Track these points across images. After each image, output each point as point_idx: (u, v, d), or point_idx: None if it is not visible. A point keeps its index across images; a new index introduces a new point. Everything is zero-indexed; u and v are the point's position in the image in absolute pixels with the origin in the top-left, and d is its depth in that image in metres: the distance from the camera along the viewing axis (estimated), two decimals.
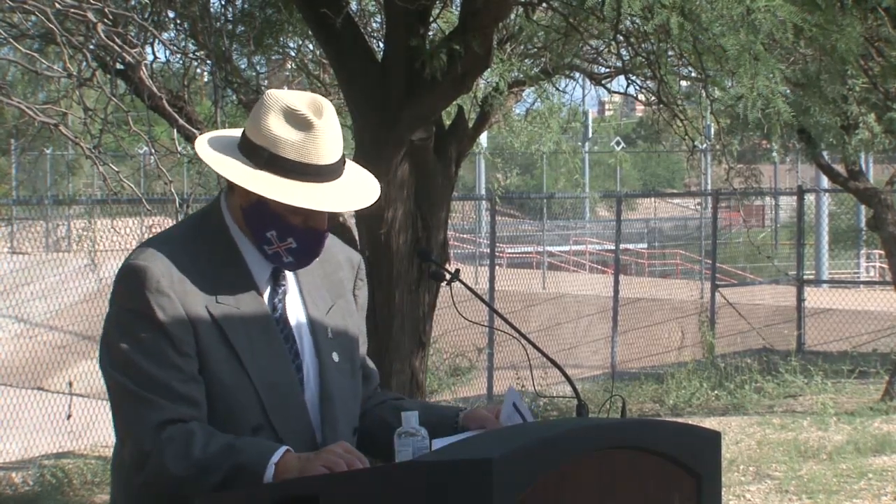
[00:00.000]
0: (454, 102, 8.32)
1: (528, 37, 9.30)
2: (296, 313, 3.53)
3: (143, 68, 6.14)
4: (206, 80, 11.74)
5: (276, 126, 3.41)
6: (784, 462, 11.77)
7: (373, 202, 3.54)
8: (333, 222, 3.63)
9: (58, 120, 6.18)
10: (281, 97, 3.44)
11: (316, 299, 3.57)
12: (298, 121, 3.41)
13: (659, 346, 21.02)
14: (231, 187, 3.49)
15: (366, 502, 3.08)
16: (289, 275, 3.55)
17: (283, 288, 3.52)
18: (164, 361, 3.31)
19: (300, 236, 3.45)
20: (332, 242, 3.66)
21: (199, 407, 3.33)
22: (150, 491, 3.36)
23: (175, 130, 7.06)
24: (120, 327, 3.38)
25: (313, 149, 3.41)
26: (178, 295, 3.35)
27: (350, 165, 3.55)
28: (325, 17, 7.15)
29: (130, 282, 3.37)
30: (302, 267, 3.52)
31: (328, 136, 3.43)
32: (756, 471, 11.51)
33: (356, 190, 3.50)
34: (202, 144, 3.49)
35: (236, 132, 3.53)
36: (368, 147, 7.43)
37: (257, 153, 3.42)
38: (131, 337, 3.34)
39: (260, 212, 3.44)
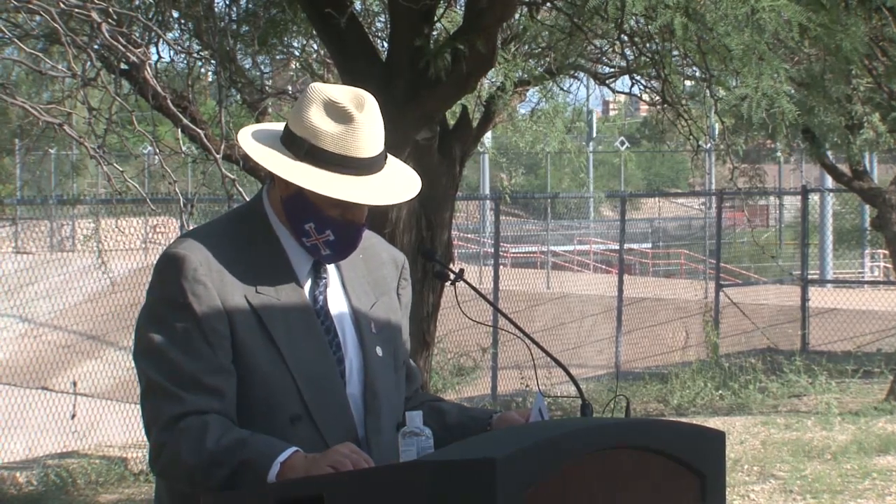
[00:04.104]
0: (458, 102, 8.33)
1: (532, 36, 9.30)
2: (338, 306, 3.53)
3: (148, 68, 6.13)
4: (210, 79, 11.76)
5: (317, 118, 3.43)
6: (788, 462, 11.77)
7: (410, 198, 3.55)
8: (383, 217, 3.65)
9: (62, 120, 6.18)
10: (323, 90, 3.47)
11: (359, 294, 3.57)
12: (339, 113, 3.42)
13: (663, 345, 21.01)
14: (273, 179, 3.51)
15: (370, 502, 3.08)
16: (331, 268, 3.56)
17: (324, 281, 3.52)
18: (192, 351, 3.33)
19: (338, 229, 3.46)
20: (375, 241, 3.69)
21: (224, 398, 3.34)
22: (166, 480, 3.39)
23: (179, 130, 7.06)
24: (153, 316, 3.39)
25: (353, 141, 3.42)
26: (216, 284, 3.36)
27: (392, 160, 3.55)
28: (329, 17, 7.15)
29: (167, 270, 3.38)
30: (340, 259, 3.54)
31: (368, 130, 3.44)
32: (760, 471, 11.51)
33: (395, 184, 3.50)
34: (245, 135, 3.52)
35: (279, 125, 3.55)
36: None
37: (298, 144, 3.44)
38: (162, 325, 3.35)
39: (299, 203, 3.45)
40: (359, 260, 3.59)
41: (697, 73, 9.16)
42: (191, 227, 4.36)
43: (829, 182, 22.67)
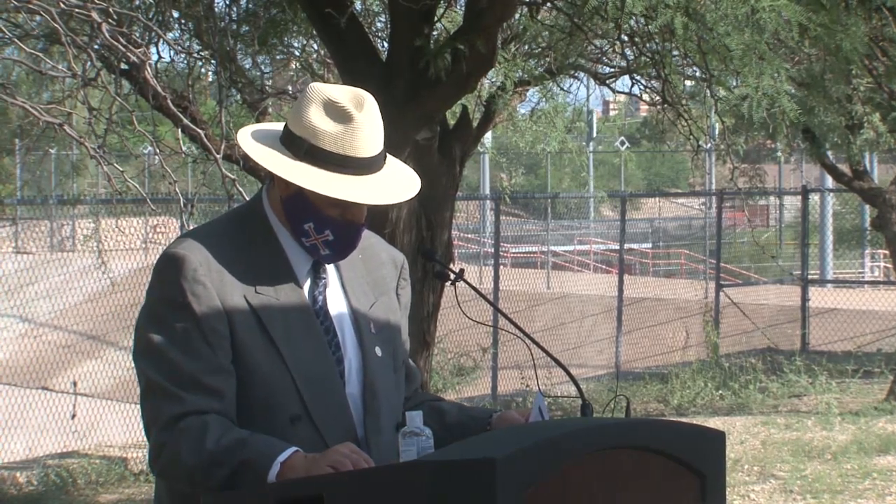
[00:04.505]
0: (458, 102, 8.32)
1: (532, 36, 9.30)
2: (337, 306, 3.53)
3: (148, 68, 6.13)
4: (210, 79, 11.76)
5: (317, 118, 3.43)
6: (788, 462, 11.77)
7: (409, 197, 3.55)
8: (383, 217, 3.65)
9: (62, 120, 6.18)
10: (323, 90, 3.46)
11: (358, 294, 3.57)
12: (338, 113, 3.42)
13: (663, 345, 21.01)
14: (272, 179, 3.51)
15: (370, 502, 3.08)
16: (330, 268, 3.56)
17: (323, 281, 3.52)
18: (192, 351, 3.32)
19: (337, 229, 3.46)
20: (374, 241, 3.69)
21: (224, 399, 3.34)
22: (166, 480, 3.40)
23: (179, 130, 7.06)
24: (153, 316, 3.39)
25: (352, 141, 3.42)
26: (215, 284, 3.36)
27: (391, 160, 3.55)
28: (330, 17, 7.15)
29: (167, 270, 3.38)
30: (339, 259, 3.54)
31: (368, 130, 3.44)
32: (760, 471, 11.51)
33: (394, 184, 3.50)
34: (244, 135, 3.52)
35: (278, 125, 3.55)
36: None
37: (297, 144, 3.44)
38: (163, 326, 3.35)
39: (298, 203, 3.45)
40: (358, 260, 3.59)
41: (698, 73, 9.16)
42: (191, 227, 4.35)
43: (830, 182, 22.67)
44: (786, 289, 22.31)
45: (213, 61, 9.39)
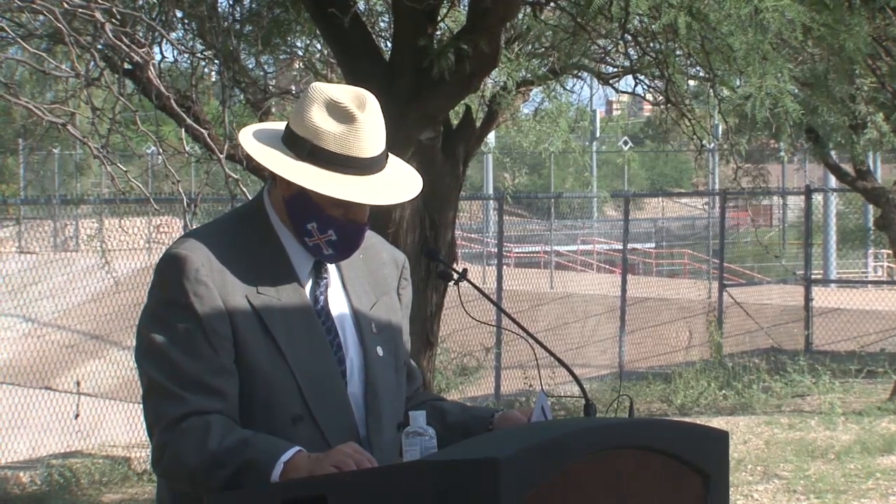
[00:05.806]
0: (462, 102, 8.32)
1: (535, 36, 9.30)
2: (339, 306, 3.53)
3: (151, 68, 6.14)
4: (213, 79, 11.76)
5: (319, 118, 3.43)
6: (792, 462, 11.76)
7: (412, 197, 3.55)
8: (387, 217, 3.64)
9: (66, 120, 6.19)
10: (325, 90, 3.46)
11: (360, 294, 3.57)
12: (341, 113, 3.42)
13: (667, 345, 21.01)
14: (274, 179, 3.51)
15: (373, 502, 3.08)
16: (331, 268, 3.56)
17: (325, 281, 3.52)
18: (194, 352, 3.32)
19: (340, 229, 3.46)
20: (376, 240, 3.69)
21: (227, 399, 3.34)
22: (168, 481, 3.39)
23: (183, 130, 7.06)
24: (155, 317, 3.38)
25: (355, 141, 3.42)
26: (217, 284, 3.36)
27: (393, 160, 3.55)
28: (333, 17, 7.15)
29: (169, 270, 3.38)
30: (342, 259, 3.53)
31: (370, 130, 3.44)
32: (764, 470, 11.51)
33: (396, 184, 3.50)
34: (246, 135, 3.51)
35: (280, 125, 3.55)
36: None
37: (299, 144, 3.43)
38: (165, 326, 3.35)
39: (301, 203, 3.45)
40: (359, 260, 3.59)
41: (701, 73, 9.16)
42: (194, 227, 4.35)
43: (833, 182, 22.67)
44: (789, 289, 22.30)
45: (216, 61, 9.39)
